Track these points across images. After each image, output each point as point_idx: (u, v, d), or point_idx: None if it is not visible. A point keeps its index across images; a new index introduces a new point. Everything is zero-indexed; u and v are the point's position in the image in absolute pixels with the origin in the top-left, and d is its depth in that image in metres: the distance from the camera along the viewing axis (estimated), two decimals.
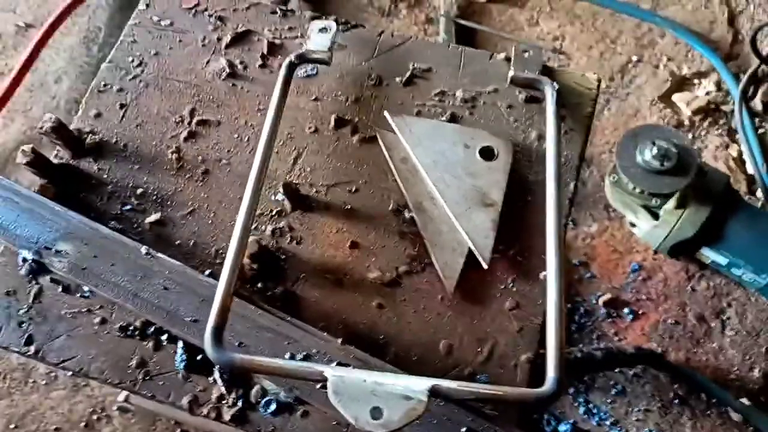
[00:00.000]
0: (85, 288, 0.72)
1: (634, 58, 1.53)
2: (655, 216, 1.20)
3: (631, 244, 1.33)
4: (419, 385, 0.55)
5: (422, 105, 0.81)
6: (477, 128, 0.79)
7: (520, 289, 0.72)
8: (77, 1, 1.52)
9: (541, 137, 0.79)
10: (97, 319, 0.71)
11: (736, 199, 1.21)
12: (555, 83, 0.77)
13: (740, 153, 1.42)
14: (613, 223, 1.35)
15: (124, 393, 1.12)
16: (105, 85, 0.83)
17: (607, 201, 1.27)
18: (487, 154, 0.76)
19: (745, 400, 1.20)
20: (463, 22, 1.53)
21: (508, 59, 0.83)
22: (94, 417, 1.21)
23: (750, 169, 1.39)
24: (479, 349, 0.70)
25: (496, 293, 0.72)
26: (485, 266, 0.72)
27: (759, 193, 1.37)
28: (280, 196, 0.76)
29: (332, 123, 0.80)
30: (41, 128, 0.74)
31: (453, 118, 0.80)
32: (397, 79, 0.82)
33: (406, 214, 0.75)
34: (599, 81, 0.83)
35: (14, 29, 1.54)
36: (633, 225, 1.26)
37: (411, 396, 0.54)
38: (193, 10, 0.88)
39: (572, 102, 0.81)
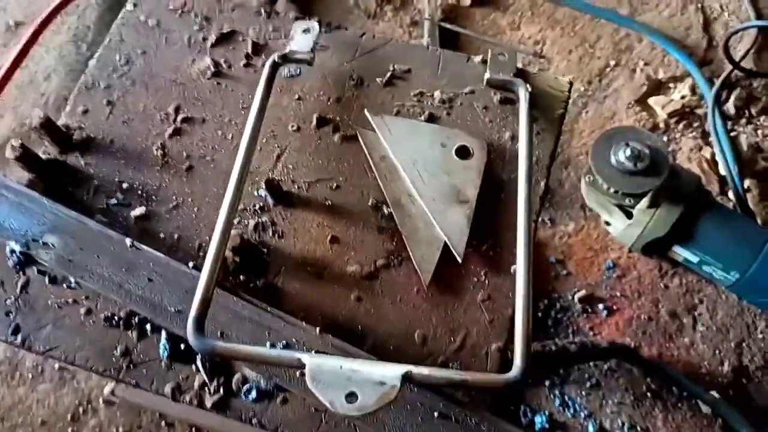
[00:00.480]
0: (72, 279, 0.74)
1: (612, 63, 1.57)
2: (629, 215, 1.24)
3: (607, 243, 1.37)
4: (393, 371, 0.58)
5: (401, 105, 0.84)
6: (454, 128, 0.82)
7: (492, 282, 0.75)
8: (67, 0, 1.54)
9: (514, 137, 0.82)
10: (83, 310, 0.73)
11: (707, 199, 1.25)
12: (528, 85, 0.80)
13: (713, 155, 1.46)
14: (589, 222, 1.39)
15: (110, 386, 1.13)
16: (93, 83, 0.85)
17: (584, 201, 1.30)
18: (463, 153, 0.79)
19: (714, 394, 1.23)
20: (446, 25, 1.56)
21: (484, 62, 0.86)
22: (80, 410, 1.22)
23: (722, 170, 1.43)
24: (452, 339, 0.73)
25: (469, 286, 0.75)
26: (459, 260, 0.75)
27: (731, 194, 1.41)
28: (262, 192, 0.78)
29: (314, 122, 0.83)
30: (30, 124, 0.77)
31: (431, 118, 0.83)
32: (378, 80, 0.85)
33: (385, 210, 0.78)
34: (571, 84, 0.86)
35: (4, 27, 1.55)
36: (608, 224, 1.30)
37: (385, 381, 0.57)
38: (180, 11, 0.90)
39: (545, 104, 0.84)
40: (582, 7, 1.61)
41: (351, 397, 0.57)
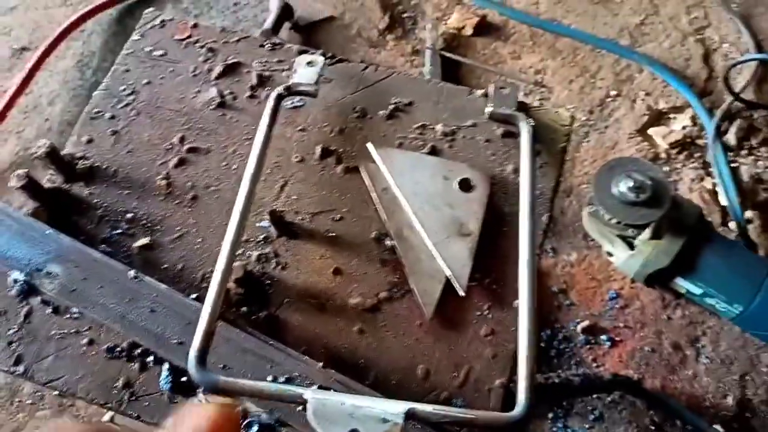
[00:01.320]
0: (74, 309, 0.74)
1: (613, 93, 1.58)
2: (631, 246, 1.24)
3: (609, 273, 1.36)
4: (396, 408, 0.58)
5: (404, 137, 0.85)
6: (456, 161, 0.82)
7: (495, 316, 0.75)
8: (73, 26, 1.56)
9: (516, 170, 0.82)
10: (85, 340, 0.73)
11: (709, 230, 1.25)
12: (530, 119, 0.80)
13: (714, 186, 1.46)
14: (592, 252, 1.38)
15: (109, 414, 1.13)
16: (97, 112, 0.86)
17: (586, 230, 1.31)
18: (466, 185, 0.80)
19: (718, 427, 1.22)
20: (448, 54, 1.57)
21: (485, 95, 0.87)
22: None
23: (723, 201, 1.43)
24: (455, 374, 0.72)
25: (472, 320, 0.75)
26: (462, 294, 0.74)
27: (732, 225, 1.41)
28: (266, 223, 0.78)
29: (318, 153, 0.83)
30: (35, 153, 0.77)
31: (433, 151, 0.83)
32: (381, 112, 0.86)
33: (387, 243, 0.78)
34: (573, 118, 0.87)
35: (9, 52, 1.56)
36: (610, 254, 1.30)
37: (388, 419, 0.57)
38: (185, 42, 0.91)
39: (547, 137, 0.84)
40: (583, 38, 1.63)
41: None
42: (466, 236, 0.77)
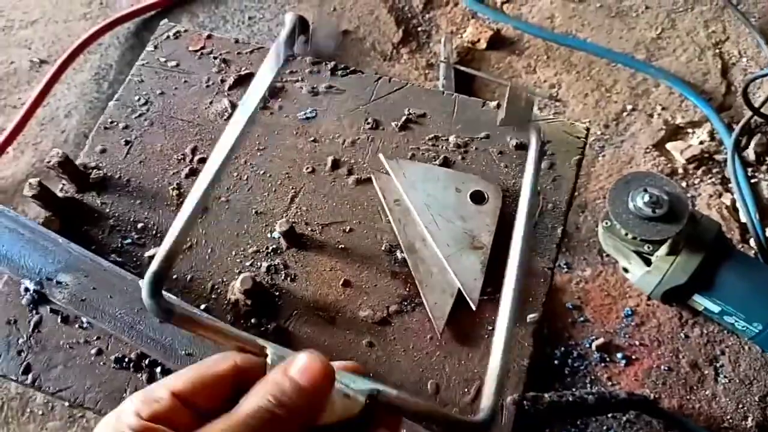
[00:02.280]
0: (84, 319, 0.74)
1: (629, 107, 1.57)
2: (648, 262, 1.22)
3: (625, 289, 1.34)
4: (360, 385, 0.51)
5: (416, 149, 0.84)
6: (468, 173, 0.82)
7: None
8: (90, 40, 1.57)
9: None
10: (94, 350, 0.73)
11: (728, 247, 1.23)
12: (542, 129, 0.79)
13: (733, 202, 1.44)
14: (607, 267, 1.36)
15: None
16: (111, 122, 0.86)
17: (601, 246, 1.29)
18: (478, 198, 0.79)
19: None
20: (462, 68, 1.57)
21: (498, 107, 0.86)
22: None
23: (743, 217, 1.41)
24: (466, 390, 0.71)
25: (483, 334, 0.74)
26: (474, 307, 0.73)
27: (752, 242, 1.38)
28: (276, 234, 0.78)
29: (329, 164, 0.83)
30: (48, 162, 0.77)
31: (446, 163, 0.83)
32: (393, 124, 0.85)
33: (398, 255, 0.77)
34: (587, 130, 0.86)
35: (28, 65, 1.58)
36: (626, 270, 1.28)
37: (349, 394, 0.50)
38: (199, 53, 0.92)
39: (561, 150, 0.83)
40: (598, 52, 1.62)
41: None
42: (478, 249, 0.76)
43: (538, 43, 1.65)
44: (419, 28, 1.69)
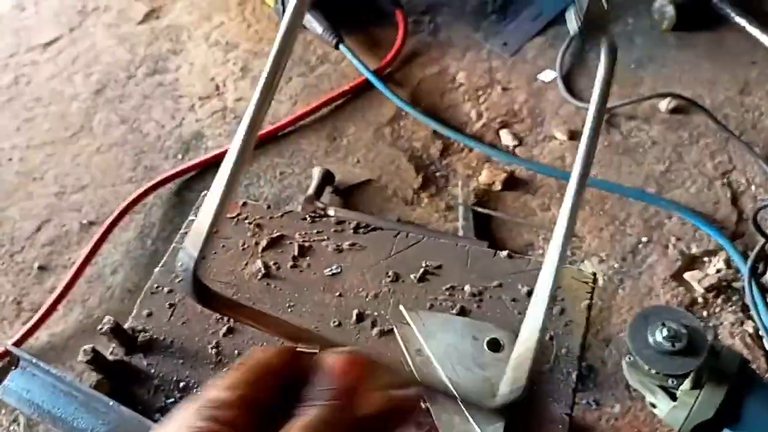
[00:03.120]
0: None
1: (644, 239, 1.63)
2: (674, 397, 1.23)
3: (655, 426, 1.34)
4: None
5: (434, 299, 0.91)
6: (484, 321, 0.87)
7: None
8: (135, 201, 1.72)
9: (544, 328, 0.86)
10: None
11: (753, 377, 1.23)
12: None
13: (756, 329, 1.45)
14: (636, 403, 1.37)
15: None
16: (157, 287, 0.95)
17: (627, 381, 1.30)
18: (494, 345, 0.84)
19: None
20: (479, 209, 1.66)
21: (509, 257, 0.93)
22: None
23: (767, 344, 1.42)
24: None
25: None
26: None
27: None
28: None
29: (354, 318, 0.89)
30: (101, 330, 0.85)
31: (462, 311, 0.89)
32: (412, 276, 0.93)
33: (421, 404, 0.82)
34: (594, 275, 0.92)
35: (78, 227, 1.72)
36: (653, 405, 1.28)
37: None
38: (235, 219, 1.02)
39: (570, 296, 0.89)
40: (609, 188, 1.71)
41: None
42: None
43: (551, 182, 1.75)
44: (437, 174, 1.81)
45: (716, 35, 2.09)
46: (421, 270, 0.94)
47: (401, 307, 0.89)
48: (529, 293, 0.90)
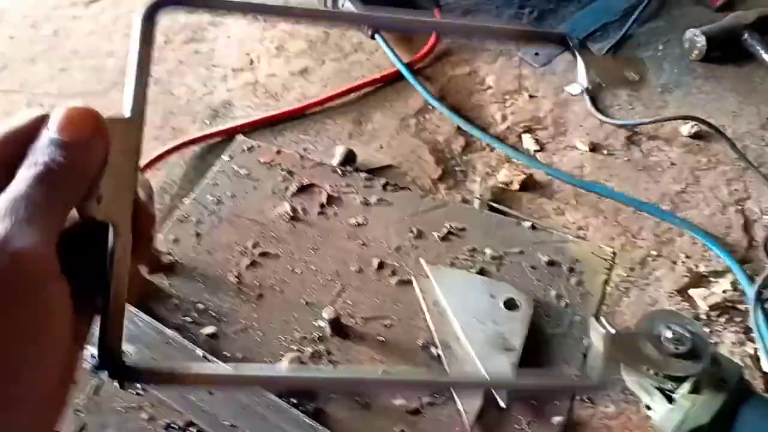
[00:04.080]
0: (139, 386, 0.80)
1: (654, 253, 1.64)
2: (670, 399, 1.24)
3: (646, 429, 1.34)
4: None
5: (455, 258, 0.93)
6: (502, 282, 0.89)
7: (535, 431, 0.78)
8: (159, 158, 1.74)
9: (559, 296, 0.88)
10: (145, 416, 0.78)
11: (750, 391, 1.24)
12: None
13: (756, 351, 1.46)
14: (630, 406, 1.37)
15: None
16: (186, 217, 0.97)
17: (624, 383, 1.31)
18: (510, 305, 0.86)
19: None
20: (495, 205, 1.68)
21: (533, 227, 0.95)
22: None
23: (765, 367, 1.43)
24: None
25: None
26: (503, 406, 0.78)
27: None
28: (322, 323, 0.85)
29: (375, 265, 0.92)
30: None
31: (482, 272, 0.91)
32: (435, 234, 0.95)
33: (433, 351, 0.84)
34: (614, 253, 0.94)
35: None
36: (648, 408, 1.29)
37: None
38: (269, 164, 1.04)
39: (589, 269, 0.91)
40: (625, 200, 1.73)
41: None
42: (509, 351, 0.82)
43: (567, 189, 1.77)
44: (457, 168, 1.83)
45: (744, 70, 2.12)
46: (445, 230, 0.96)
47: (422, 261, 0.91)
48: (550, 263, 0.92)
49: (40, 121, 0.40)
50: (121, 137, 0.41)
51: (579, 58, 0.59)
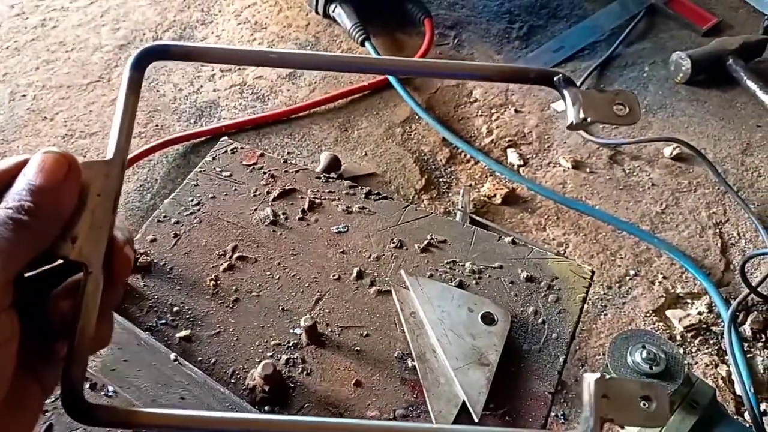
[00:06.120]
0: (110, 388, 0.79)
1: (632, 272, 1.66)
2: None
3: None
4: None
5: (435, 270, 0.92)
6: (481, 296, 0.89)
7: None
8: (142, 155, 1.73)
9: (536, 313, 0.88)
10: None
11: (722, 413, 1.26)
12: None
13: (729, 373, 1.48)
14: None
15: None
16: (164, 217, 0.96)
17: None
18: (488, 319, 0.86)
19: None
20: (477, 218, 1.69)
21: (513, 242, 0.95)
22: None
23: (738, 390, 1.44)
24: None
25: None
26: (476, 419, 0.78)
27: (747, 415, 1.41)
28: (298, 330, 0.84)
29: (354, 274, 0.91)
30: None
31: (461, 285, 0.91)
32: (416, 245, 0.95)
33: (409, 363, 0.83)
34: (592, 272, 0.94)
35: None
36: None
37: None
38: (251, 167, 1.03)
39: (567, 287, 0.91)
40: (605, 219, 1.74)
41: None
42: (485, 366, 0.82)
43: (549, 205, 1.78)
44: (441, 179, 1.83)
45: (727, 95, 2.15)
46: (426, 241, 0.96)
47: (402, 272, 0.91)
48: (529, 279, 0.92)
49: (22, 165, 0.41)
50: (100, 180, 0.42)
51: (566, 95, 0.58)
